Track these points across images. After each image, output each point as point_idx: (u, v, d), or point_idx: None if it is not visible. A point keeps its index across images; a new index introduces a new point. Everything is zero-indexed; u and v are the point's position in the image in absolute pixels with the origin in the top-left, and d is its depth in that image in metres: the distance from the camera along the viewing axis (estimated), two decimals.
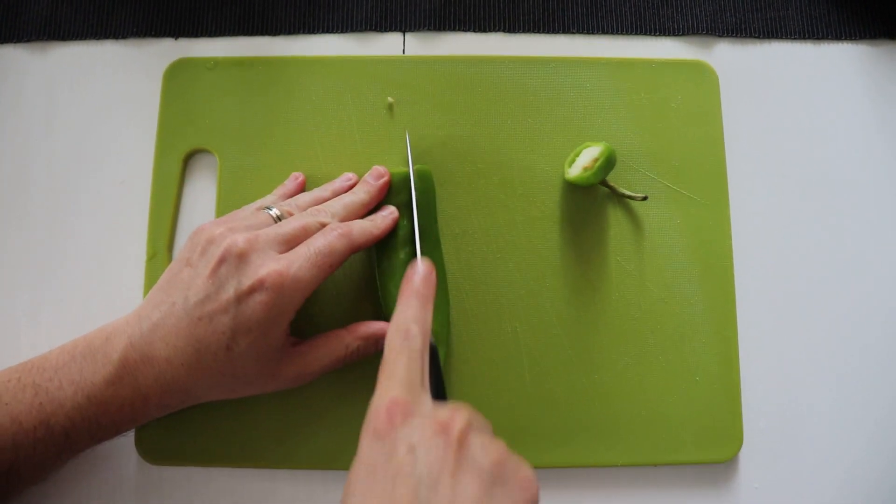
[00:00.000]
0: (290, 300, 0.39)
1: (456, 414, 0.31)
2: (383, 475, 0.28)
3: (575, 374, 0.48)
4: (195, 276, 0.39)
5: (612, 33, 0.54)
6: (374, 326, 0.44)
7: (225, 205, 0.49)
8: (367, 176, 0.46)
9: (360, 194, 0.45)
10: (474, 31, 0.54)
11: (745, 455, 0.48)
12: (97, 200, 0.51)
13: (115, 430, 0.40)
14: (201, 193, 0.50)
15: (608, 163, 0.46)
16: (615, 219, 0.50)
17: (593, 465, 0.47)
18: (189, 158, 0.51)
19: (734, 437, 0.47)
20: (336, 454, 0.46)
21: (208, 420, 0.46)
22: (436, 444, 0.29)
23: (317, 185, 0.49)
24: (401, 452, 0.29)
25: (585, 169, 0.47)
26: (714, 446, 0.47)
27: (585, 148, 0.48)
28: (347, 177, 0.48)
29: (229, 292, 0.38)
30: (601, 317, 0.48)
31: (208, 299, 0.38)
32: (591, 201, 0.50)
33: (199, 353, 0.38)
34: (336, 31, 0.54)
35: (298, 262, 0.39)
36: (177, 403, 0.40)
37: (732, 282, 0.49)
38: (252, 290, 0.38)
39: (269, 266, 0.38)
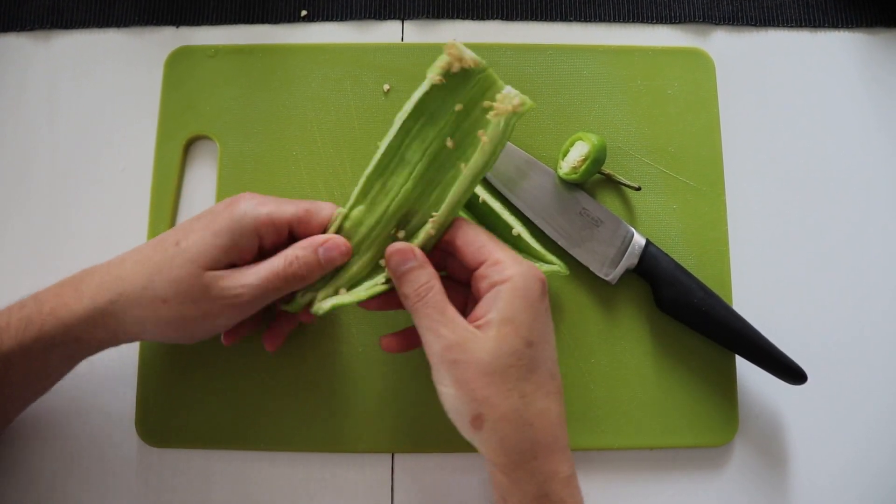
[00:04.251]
0: (244, 227, 0.40)
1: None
2: (546, 317, 0.40)
3: (572, 359, 0.48)
4: None
5: (609, 21, 0.54)
6: (317, 237, 0.41)
7: (225, 190, 0.50)
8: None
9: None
10: (472, 18, 0.54)
11: (740, 440, 0.48)
12: (99, 187, 0.51)
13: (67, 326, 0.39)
14: (202, 180, 0.51)
15: (596, 162, 0.47)
16: (612, 204, 0.50)
17: (591, 448, 0.47)
18: (190, 145, 0.51)
19: (730, 422, 0.48)
20: (335, 438, 0.47)
21: (208, 404, 0.47)
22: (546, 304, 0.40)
23: (315, 171, 0.50)
24: (545, 309, 0.40)
25: (574, 169, 0.48)
26: (710, 431, 0.48)
27: (577, 140, 0.48)
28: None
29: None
30: (598, 301, 0.49)
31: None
32: (589, 186, 0.50)
33: (153, 247, 0.40)
34: (336, 20, 0.54)
35: (275, 212, 0.40)
36: (117, 306, 0.39)
37: (728, 266, 0.50)
38: (222, 205, 0.41)
39: (255, 201, 0.40)
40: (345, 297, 0.41)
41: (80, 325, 0.39)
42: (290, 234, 0.42)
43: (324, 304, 0.41)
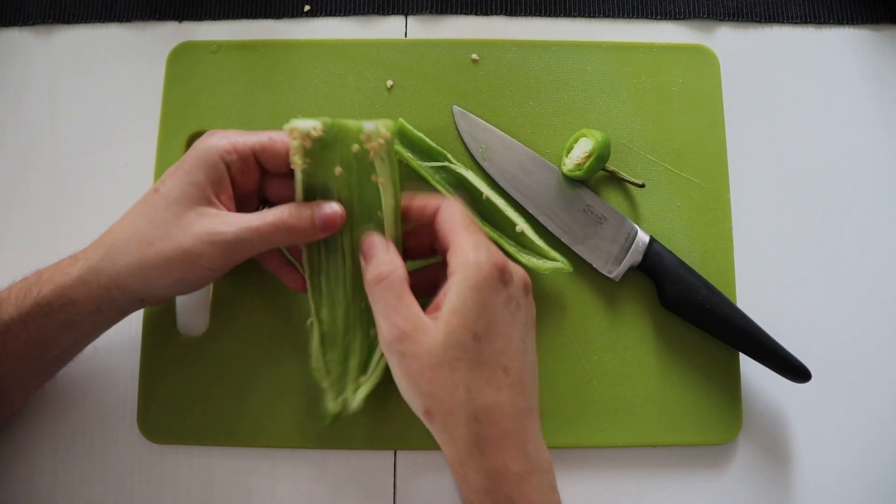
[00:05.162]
0: (210, 158, 0.40)
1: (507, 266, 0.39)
2: (504, 307, 0.38)
3: (575, 356, 0.48)
4: None
5: (613, 17, 0.54)
6: (314, 206, 0.41)
7: None
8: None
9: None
10: (476, 14, 0.54)
11: (743, 438, 0.48)
12: (101, 183, 0.51)
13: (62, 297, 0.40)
14: None
15: (600, 159, 0.47)
16: (616, 201, 0.50)
17: (593, 446, 0.47)
18: (192, 141, 0.51)
19: (733, 420, 0.48)
20: (338, 435, 0.47)
21: (210, 400, 0.47)
22: (523, 296, 0.40)
23: None
24: (504, 301, 0.38)
25: (578, 165, 0.48)
26: (713, 429, 0.47)
27: (581, 136, 0.48)
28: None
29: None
30: (601, 298, 0.49)
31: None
32: (593, 184, 0.50)
33: (138, 202, 0.41)
34: (339, 15, 0.54)
35: (237, 140, 0.41)
36: (108, 261, 0.40)
37: (732, 264, 0.49)
38: (191, 147, 0.41)
39: (218, 135, 0.41)
40: (368, 384, 0.43)
41: (74, 285, 0.39)
42: (261, 169, 0.42)
43: (357, 400, 0.43)
